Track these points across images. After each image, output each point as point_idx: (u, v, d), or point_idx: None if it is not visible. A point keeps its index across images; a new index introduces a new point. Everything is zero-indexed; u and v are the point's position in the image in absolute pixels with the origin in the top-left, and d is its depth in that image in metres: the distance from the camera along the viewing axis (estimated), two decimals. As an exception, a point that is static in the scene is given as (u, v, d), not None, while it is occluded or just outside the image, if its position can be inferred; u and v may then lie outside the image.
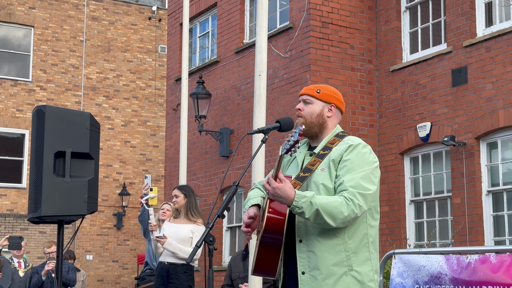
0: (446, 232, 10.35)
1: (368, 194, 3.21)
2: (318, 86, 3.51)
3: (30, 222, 4.89)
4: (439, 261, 5.39)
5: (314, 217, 3.13)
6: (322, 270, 3.20)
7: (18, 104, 20.21)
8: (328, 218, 3.12)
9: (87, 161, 4.78)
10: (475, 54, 10.04)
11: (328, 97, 3.48)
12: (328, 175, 3.28)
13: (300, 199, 3.11)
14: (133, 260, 20.90)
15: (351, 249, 3.24)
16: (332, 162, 3.29)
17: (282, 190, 3.11)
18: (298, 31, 11.37)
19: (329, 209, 3.13)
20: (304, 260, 3.25)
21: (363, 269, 3.26)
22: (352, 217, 3.17)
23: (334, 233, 3.23)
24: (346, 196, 3.17)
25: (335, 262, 3.21)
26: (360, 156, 3.29)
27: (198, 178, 13.47)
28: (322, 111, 3.45)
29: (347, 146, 3.32)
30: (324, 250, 3.22)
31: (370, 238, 3.31)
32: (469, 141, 9.91)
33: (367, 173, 3.25)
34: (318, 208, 3.11)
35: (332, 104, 3.48)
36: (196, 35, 14.50)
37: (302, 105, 3.48)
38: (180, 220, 7.03)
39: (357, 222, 3.27)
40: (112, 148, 21.26)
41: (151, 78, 22.15)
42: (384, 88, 11.36)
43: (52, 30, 20.95)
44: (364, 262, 3.27)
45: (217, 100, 13.10)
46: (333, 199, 3.17)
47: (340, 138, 3.40)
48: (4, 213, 19.57)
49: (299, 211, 3.12)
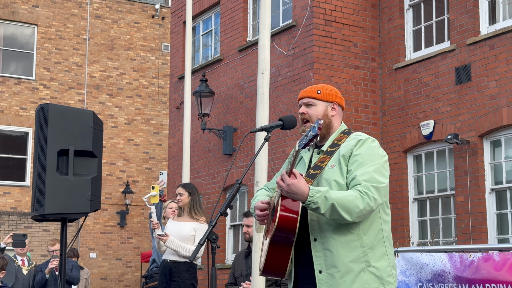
0: (449, 230, 10.34)
1: (382, 187, 3.19)
2: (316, 87, 3.50)
3: (33, 220, 4.90)
4: (442, 259, 5.39)
5: (330, 212, 3.10)
6: (340, 267, 3.17)
7: (22, 102, 20.24)
8: (343, 212, 3.10)
9: (90, 159, 4.78)
10: (479, 52, 10.02)
11: (329, 96, 3.48)
12: (339, 171, 3.26)
13: (315, 194, 3.09)
14: (136, 258, 20.93)
15: (367, 244, 3.21)
16: (342, 157, 3.28)
17: (297, 186, 3.08)
18: (301, 29, 11.36)
19: (344, 203, 3.10)
20: (320, 259, 3.21)
21: (381, 264, 3.23)
22: (368, 210, 3.14)
23: (348, 229, 3.20)
24: (361, 190, 3.14)
25: (352, 258, 3.18)
26: (370, 150, 3.28)
27: (201, 176, 13.47)
28: (326, 111, 3.44)
29: (356, 141, 3.31)
30: (340, 247, 3.19)
31: (384, 233, 3.29)
32: (473, 139, 9.90)
33: (379, 167, 3.24)
34: (333, 203, 3.08)
35: (334, 102, 3.48)
36: (199, 33, 14.50)
37: (305, 108, 3.46)
38: (183, 218, 7.04)
39: (371, 217, 3.24)
40: (116, 146, 21.28)
41: (154, 76, 22.16)
42: (387, 86, 11.35)
43: (55, 28, 20.97)
44: (381, 257, 3.24)
45: (220, 98, 13.10)
46: (348, 193, 3.14)
47: (346, 135, 3.39)
48: (8, 211, 19.61)
49: (315, 207, 3.10)
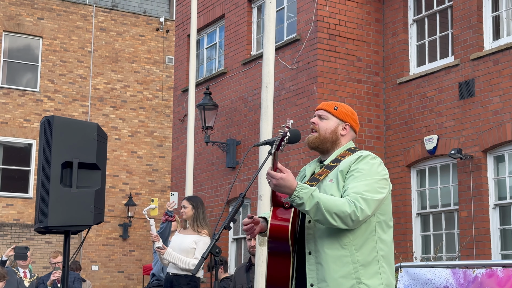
0: (452, 245, 10.30)
1: (371, 199, 3.18)
2: (336, 104, 3.55)
3: (36, 232, 4.89)
4: (445, 275, 5.36)
5: (314, 211, 3.12)
6: (329, 282, 3.20)
7: (26, 114, 20.29)
8: (327, 214, 3.12)
9: (94, 172, 4.79)
10: (483, 67, 10.03)
11: (344, 115, 3.51)
12: (336, 186, 3.29)
13: (302, 189, 3.12)
14: (138, 271, 20.88)
15: (359, 261, 3.22)
16: (340, 173, 3.31)
17: (285, 179, 3.12)
18: (305, 43, 11.39)
19: (329, 205, 3.12)
20: (313, 272, 3.25)
21: (372, 283, 3.22)
22: (353, 219, 3.14)
23: (341, 244, 3.22)
24: (349, 199, 3.17)
25: (342, 274, 3.20)
26: (368, 166, 3.30)
27: (204, 189, 13.47)
28: (336, 128, 3.48)
29: (356, 157, 3.34)
30: (331, 262, 3.21)
31: (380, 252, 3.28)
32: (476, 154, 9.89)
33: (372, 182, 3.24)
34: (319, 201, 3.11)
35: (347, 123, 3.51)
36: (204, 46, 14.54)
37: (317, 119, 3.50)
38: (187, 231, 7.04)
39: (365, 234, 3.25)
40: (119, 158, 21.30)
41: (158, 89, 22.21)
42: (391, 100, 11.36)
43: (60, 40, 21.06)
44: (374, 275, 3.24)
45: (224, 111, 13.12)
46: (336, 198, 3.18)
47: (351, 152, 3.42)
48: (11, 222, 19.60)
49: (299, 202, 3.12)
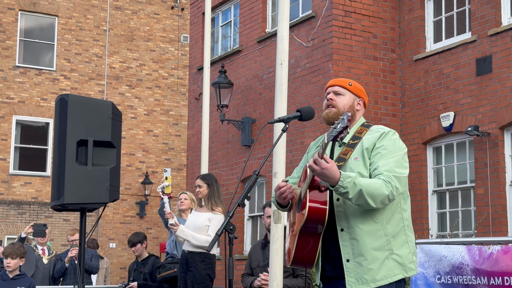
0: (469, 222, 10.27)
1: (402, 177, 3.34)
2: (348, 80, 3.64)
3: (53, 209, 4.94)
4: (460, 252, 5.36)
5: (356, 197, 3.22)
6: (367, 256, 3.31)
7: (43, 93, 20.39)
8: (369, 198, 3.23)
9: (109, 150, 4.81)
10: (500, 43, 9.92)
11: (358, 91, 3.62)
12: (362, 163, 3.39)
13: (345, 179, 3.20)
14: (155, 248, 21.04)
15: (390, 233, 3.35)
16: (366, 150, 3.41)
17: (330, 170, 3.18)
18: (321, 20, 11.31)
19: (370, 190, 3.23)
20: (347, 248, 3.34)
21: (403, 252, 3.37)
22: (390, 198, 3.29)
23: (373, 219, 3.34)
24: (384, 179, 3.28)
25: (377, 247, 3.32)
26: (391, 142, 3.42)
27: (220, 167, 13.50)
28: (353, 104, 3.58)
29: (379, 134, 3.45)
30: (365, 236, 3.32)
31: (405, 222, 3.43)
32: (493, 131, 9.81)
33: (399, 158, 3.38)
34: (361, 189, 3.21)
35: (361, 98, 3.63)
36: (219, 24, 14.49)
37: (333, 95, 3.57)
38: (202, 209, 7.08)
39: (392, 207, 3.38)
40: (135, 137, 21.38)
41: (173, 68, 22.21)
42: (407, 77, 11.28)
43: (76, 19, 21.08)
44: (403, 245, 3.38)
45: (239, 90, 13.10)
46: (374, 181, 3.28)
47: (366, 128, 3.51)
48: (29, 201, 19.80)
49: (344, 191, 3.21)
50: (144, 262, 8.27)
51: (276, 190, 3.45)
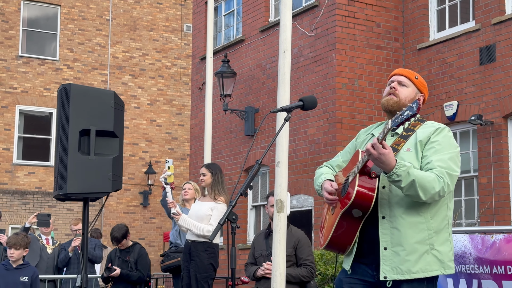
0: (472, 211, 10.27)
1: (455, 175, 3.31)
2: (415, 73, 3.62)
3: (56, 199, 4.94)
4: (463, 241, 5.36)
5: (408, 187, 3.20)
6: (405, 246, 3.28)
7: (46, 83, 20.39)
8: (420, 190, 3.20)
9: (111, 139, 4.81)
10: (504, 32, 9.88)
11: (422, 86, 3.60)
12: (415, 155, 3.37)
13: (400, 167, 3.19)
14: (159, 238, 21.11)
15: (433, 228, 3.32)
16: (419, 143, 3.39)
17: (387, 156, 3.17)
18: (324, 9, 11.27)
19: (423, 182, 3.21)
20: (387, 236, 3.32)
21: (444, 249, 3.34)
22: (441, 194, 3.26)
23: (417, 211, 3.31)
24: (438, 174, 3.26)
25: (418, 239, 3.29)
26: (447, 139, 3.39)
27: (223, 157, 13.50)
28: (415, 97, 3.54)
29: (434, 129, 3.42)
30: (407, 227, 3.29)
31: (450, 220, 3.41)
32: (497, 120, 9.79)
33: (453, 156, 3.35)
34: (414, 179, 3.19)
35: (422, 94, 3.59)
36: (222, 13, 14.45)
37: (397, 85, 3.55)
38: (206, 198, 7.08)
39: (439, 203, 3.35)
40: (138, 127, 21.39)
41: (176, 57, 22.18)
42: (411, 66, 11.25)
43: (78, 9, 21.04)
44: (445, 242, 3.36)
45: (242, 79, 13.08)
46: (428, 174, 3.26)
47: (420, 122, 3.48)
48: (33, 190, 19.85)
49: (397, 179, 3.20)
50: (128, 250, 8.10)
51: (324, 192, 3.44)
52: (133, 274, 7.86)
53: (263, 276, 6.27)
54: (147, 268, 8.09)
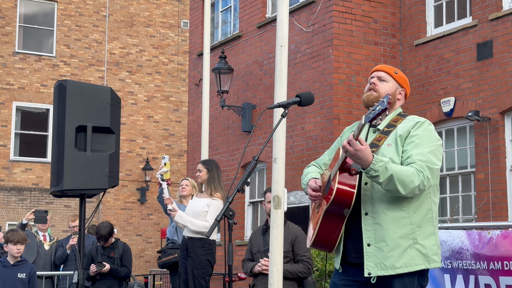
0: (469, 207, 10.28)
1: (435, 169, 3.29)
2: (394, 68, 3.62)
3: (52, 195, 4.94)
4: (460, 237, 5.36)
5: (386, 182, 3.19)
6: (388, 242, 3.27)
7: (43, 79, 20.35)
8: (399, 185, 3.19)
9: (108, 136, 4.80)
10: (501, 28, 9.87)
11: (402, 81, 3.60)
12: (395, 150, 3.36)
13: (378, 163, 3.18)
14: (156, 234, 21.11)
15: (415, 222, 3.30)
16: (399, 137, 3.37)
17: (363, 152, 3.16)
18: (321, 5, 11.26)
19: (401, 176, 3.19)
20: (370, 233, 3.30)
21: (428, 243, 3.32)
22: (421, 188, 3.24)
23: (400, 206, 3.30)
24: (417, 168, 3.24)
25: (400, 234, 3.28)
26: (427, 132, 3.38)
27: (220, 153, 13.50)
28: (395, 92, 3.55)
29: (414, 123, 3.41)
30: (390, 223, 3.28)
31: (433, 214, 3.38)
32: (494, 116, 9.80)
33: (434, 149, 3.33)
34: (392, 174, 3.18)
35: (403, 89, 3.60)
36: (219, 9, 14.43)
37: (377, 80, 3.55)
38: (202, 194, 7.07)
39: (422, 197, 3.33)
40: (135, 123, 21.37)
41: (173, 53, 22.15)
42: (408, 62, 11.24)
43: (75, 5, 20.99)
44: (429, 236, 3.33)
45: (239, 75, 13.07)
46: (406, 168, 3.24)
47: (402, 117, 3.49)
48: (30, 187, 19.83)
49: (375, 174, 3.18)
50: (113, 247, 8.03)
51: (308, 188, 3.45)
52: (121, 269, 7.85)
53: (260, 272, 6.28)
54: (131, 264, 8.07)
